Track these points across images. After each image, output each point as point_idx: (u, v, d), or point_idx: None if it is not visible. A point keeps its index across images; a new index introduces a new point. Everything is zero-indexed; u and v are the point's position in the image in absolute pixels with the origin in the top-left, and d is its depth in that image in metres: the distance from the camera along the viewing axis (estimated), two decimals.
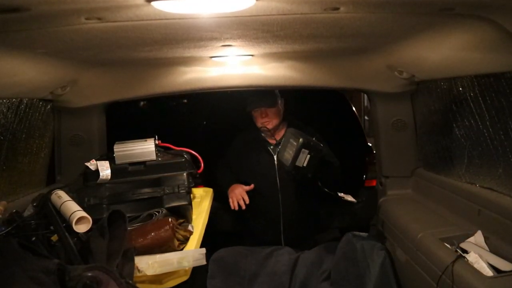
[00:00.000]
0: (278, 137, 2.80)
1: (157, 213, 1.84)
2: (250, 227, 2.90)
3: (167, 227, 1.67)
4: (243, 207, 2.66)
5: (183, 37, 1.60)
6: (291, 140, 2.40)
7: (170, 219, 1.73)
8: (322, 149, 2.35)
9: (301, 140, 2.29)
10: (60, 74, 2.08)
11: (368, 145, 4.10)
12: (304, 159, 2.30)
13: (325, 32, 1.60)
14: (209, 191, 2.52)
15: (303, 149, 2.29)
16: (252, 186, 2.72)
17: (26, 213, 1.69)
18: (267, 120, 2.71)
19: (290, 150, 2.37)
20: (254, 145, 2.83)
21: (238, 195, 2.67)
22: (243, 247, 2.65)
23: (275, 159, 2.74)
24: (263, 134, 2.82)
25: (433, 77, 2.19)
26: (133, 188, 1.95)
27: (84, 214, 1.56)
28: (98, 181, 1.92)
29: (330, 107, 4.17)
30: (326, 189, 2.41)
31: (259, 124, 2.76)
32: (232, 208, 2.67)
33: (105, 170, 1.95)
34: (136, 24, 1.33)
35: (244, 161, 2.83)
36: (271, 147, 2.80)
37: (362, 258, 2.28)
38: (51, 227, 1.57)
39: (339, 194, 2.44)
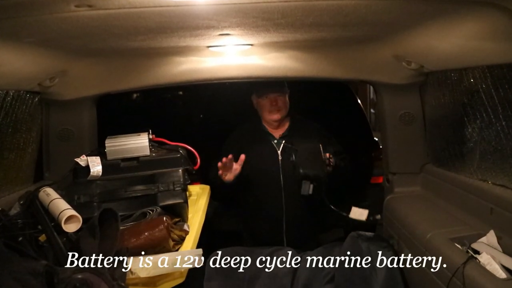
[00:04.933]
0: (281, 130, 2.79)
1: (151, 212, 1.84)
2: (250, 227, 2.90)
3: (162, 226, 1.67)
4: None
5: (179, 25, 1.60)
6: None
7: (164, 218, 1.73)
8: (325, 180, 2.41)
9: (301, 171, 2.41)
10: (49, 64, 2.08)
11: (375, 139, 4.11)
12: (308, 188, 2.42)
13: (329, 20, 1.60)
14: (206, 188, 2.52)
15: (304, 181, 2.42)
16: (243, 156, 2.59)
17: (13, 211, 1.70)
18: (277, 109, 2.70)
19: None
20: (257, 138, 2.80)
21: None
22: (242, 248, 2.64)
23: (279, 154, 2.74)
24: (267, 126, 2.81)
25: (443, 68, 2.19)
26: (126, 185, 1.95)
27: (73, 212, 1.56)
28: (88, 178, 1.93)
29: (334, 100, 4.17)
30: (332, 207, 2.45)
31: (266, 114, 2.74)
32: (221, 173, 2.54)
33: (96, 166, 1.95)
34: (129, 11, 1.32)
35: (246, 154, 2.80)
36: (275, 141, 2.78)
37: (368, 259, 2.29)
38: (39, 227, 1.58)
39: (350, 215, 2.47)
